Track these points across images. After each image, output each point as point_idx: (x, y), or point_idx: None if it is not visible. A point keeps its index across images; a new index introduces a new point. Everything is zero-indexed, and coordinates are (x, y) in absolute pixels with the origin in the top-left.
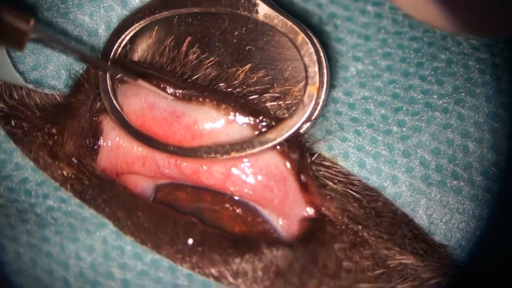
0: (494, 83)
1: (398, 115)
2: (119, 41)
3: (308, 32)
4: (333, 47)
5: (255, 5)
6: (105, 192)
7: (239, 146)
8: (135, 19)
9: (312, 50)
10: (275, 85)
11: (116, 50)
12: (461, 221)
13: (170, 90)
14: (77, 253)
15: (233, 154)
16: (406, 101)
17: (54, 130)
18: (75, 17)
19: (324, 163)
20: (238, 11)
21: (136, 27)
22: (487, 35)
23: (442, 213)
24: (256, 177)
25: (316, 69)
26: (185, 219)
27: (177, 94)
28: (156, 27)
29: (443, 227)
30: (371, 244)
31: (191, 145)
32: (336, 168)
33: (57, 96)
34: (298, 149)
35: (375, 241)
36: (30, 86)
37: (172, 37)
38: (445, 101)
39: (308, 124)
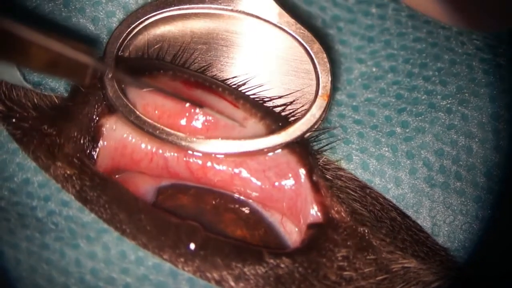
0: (497, 84)
1: (401, 116)
2: (127, 31)
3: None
4: (336, 50)
5: (275, 10)
6: (107, 193)
7: (247, 143)
8: (148, 11)
9: (326, 59)
10: (281, 93)
11: (122, 43)
12: (465, 223)
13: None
14: (77, 260)
15: (242, 150)
16: (409, 102)
17: (51, 131)
18: (77, 21)
19: (331, 165)
20: (260, 15)
21: (149, 17)
22: (488, 30)
23: (445, 215)
24: (265, 175)
25: (329, 78)
26: (187, 223)
27: (199, 82)
28: (167, 27)
29: (447, 229)
30: (376, 247)
31: (204, 137)
32: (341, 171)
33: (55, 98)
34: (309, 149)
35: (379, 244)
36: (29, 86)
37: (181, 38)
38: (449, 101)
39: (316, 129)
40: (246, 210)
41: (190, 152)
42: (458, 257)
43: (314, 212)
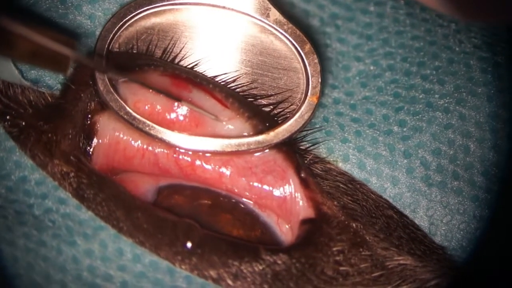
0: (495, 83)
1: (399, 115)
2: (119, 24)
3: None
4: (334, 48)
5: (268, 9)
6: (104, 191)
7: (236, 142)
8: (140, 4)
9: (317, 60)
10: (269, 92)
11: (113, 37)
12: (462, 222)
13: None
14: (74, 257)
15: (228, 150)
16: (407, 101)
17: (47, 128)
18: (73, 18)
19: (320, 161)
20: (251, 12)
21: (141, 11)
22: (485, 20)
23: (442, 214)
24: (252, 172)
25: (320, 79)
26: (184, 222)
27: (189, 78)
28: (159, 20)
29: (444, 228)
30: (369, 243)
31: (194, 133)
32: (331, 166)
33: (48, 96)
34: (295, 148)
35: (373, 240)
36: (27, 84)
37: (172, 33)
38: (447, 100)
39: (305, 129)
40: (242, 211)
41: (178, 149)
42: (455, 256)
43: (306, 208)
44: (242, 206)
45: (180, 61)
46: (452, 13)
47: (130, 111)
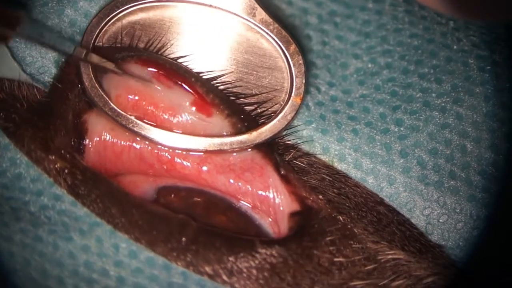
0: (493, 82)
1: (396, 114)
2: (106, 20)
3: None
4: (332, 45)
5: (254, 8)
6: (99, 188)
7: (218, 142)
8: (127, 0)
9: (301, 61)
10: (253, 91)
11: (99, 32)
12: (459, 221)
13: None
14: (71, 252)
15: (211, 149)
16: (404, 100)
17: (42, 124)
18: (69, 15)
19: (304, 155)
20: (237, 11)
21: (128, 7)
22: (484, 19)
23: (439, 214)
24: (230, 169)
25: (304, 80)
26: (178, 218)
27: (172, 69)
28: (145, 16)
29: (441, 228)
30: (359, 236)
31: (171, 123)
32: (315, 159)
33: (37, 93)
34: (274, 147)
35: (362, 233)
36: (27, 77)
37: (158, 28)
38: (444, 100)
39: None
40: (236, 212)
41: (159, 146)
42: (452, 255)
43: (290, 203)
44: (236, 207)
45: (163, 54)
46: (451, 13)
47: (114, 107)
